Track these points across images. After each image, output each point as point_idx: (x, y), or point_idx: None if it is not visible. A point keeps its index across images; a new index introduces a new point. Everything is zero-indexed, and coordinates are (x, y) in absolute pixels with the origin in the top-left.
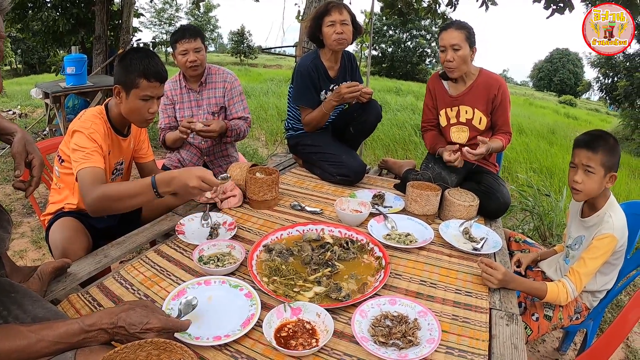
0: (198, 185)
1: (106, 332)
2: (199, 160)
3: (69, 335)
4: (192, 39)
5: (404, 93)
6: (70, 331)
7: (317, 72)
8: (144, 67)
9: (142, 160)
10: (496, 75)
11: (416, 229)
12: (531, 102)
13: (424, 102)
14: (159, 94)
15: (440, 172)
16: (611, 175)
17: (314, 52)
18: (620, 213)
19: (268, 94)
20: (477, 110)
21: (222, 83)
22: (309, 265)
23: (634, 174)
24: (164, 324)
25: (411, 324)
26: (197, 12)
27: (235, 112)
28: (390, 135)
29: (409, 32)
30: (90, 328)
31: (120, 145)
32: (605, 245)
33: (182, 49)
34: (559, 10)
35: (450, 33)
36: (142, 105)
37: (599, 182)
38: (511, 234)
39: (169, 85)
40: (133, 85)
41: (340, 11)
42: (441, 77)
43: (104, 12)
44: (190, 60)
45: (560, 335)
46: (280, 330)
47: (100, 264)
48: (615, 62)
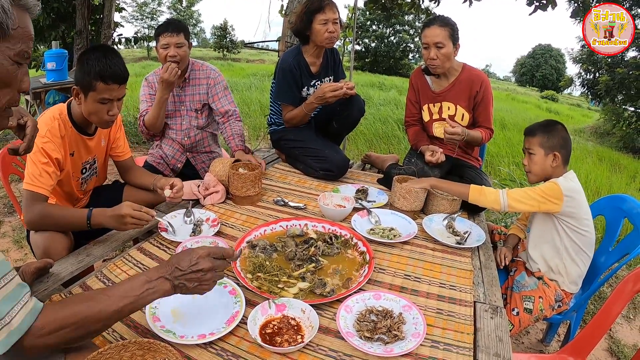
0: (129, 213)
1: (167, 280)
2: (181, 157)
3: (134, 288)
4: (175, 33)
5: (387, 88)
6: (135, 285)
7: (300, 68)
8: (100, 69)
9: (119, 158)
10: (479, 72)
11: (400, 223)
12: (513, 97)
13: (407, 97)
14: (119, 95)
15: (423, 167)
16: (554, 154)
17: (296, 48)
18: (573, 180)
19: (251, 89)
20: (460, 106)
21: (206, 79)
22: (293, 261)
23: (615, 168)
24: (209, 250)
25: (396, 319)
26: (179, 7)
27: (222, 107)
28: (373, 129)
29: (392, 27)
30: (152, 277)
31: (87, 144)
32: (546, 187)
33: (164, 42)
34: (541, 7)
35: (434, 30)
36: (101, 108)
37: (541, 162)
38: (493, 227)
39: (152, 78)
40: (90, 87)
41: (333, 10)
42: (424, 72)
43: (85, 7)
44: (170, 55)
45: (543, 327)
46: (265, 327)
47: (83, 263)
48: (597, 58)
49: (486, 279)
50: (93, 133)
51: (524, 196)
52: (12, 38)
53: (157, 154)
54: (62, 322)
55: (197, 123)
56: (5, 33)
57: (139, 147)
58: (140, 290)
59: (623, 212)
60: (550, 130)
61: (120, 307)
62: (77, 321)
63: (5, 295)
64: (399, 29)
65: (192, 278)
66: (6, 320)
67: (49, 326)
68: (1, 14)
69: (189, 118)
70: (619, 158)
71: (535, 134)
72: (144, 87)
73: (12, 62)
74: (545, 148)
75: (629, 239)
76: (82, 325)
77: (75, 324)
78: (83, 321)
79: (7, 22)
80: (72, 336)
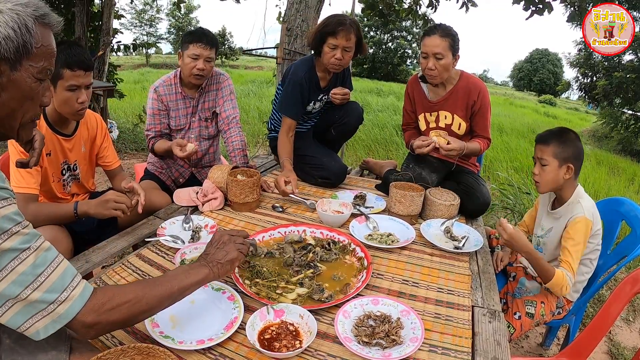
0: (113, 198)
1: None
2: (185, 172)
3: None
4: (209, 46)
5: (385, 94)
6: (179, 270)
7: (310, 83)
8: (66, 57)
9: (107, 168)
10: (477, 80)
11: (398, 228)
12: (511, 101)
13: (403, 107)
14: (85, 82)
15: (421, 172)
16: (567, 166)
17: (309, 61)
18: (590, 201)
19: (249, 96)
20: (457, 115)
21: (216, 85)
22: (291, 267)
23: (613, 171)
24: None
25: (394, 323)
26: (178, 14)
27: (224, 111)
28: (372, 135)
29: (390, 33)
30: (191, 267)
31: (62, 145)
32: (580, 229)
33: (194, 52)
34: (538, 12)
35: (434, 40)
36: (70, 96)
37: (553, 173)
38: (492, 231)
39: (163, 90)
40: (58, 76)
41: (347, 37)
42: (420, 80)
43: (84, 13)
44: (199, 68)
45: (543, 331)
46: (264, 332)
47: (82, 269)
48: (594, 62)
49: (484, 283)
50: (70, 135)
51: (578, 257)
52: (35, 56)
53: (159, 163)
54: (122, 297)
55: (208, 132)
56: (29, 52)
57: (137, 153)
58: (185, 274)
59: (621, 215)
60: (565, 140)
61: (173, 288)
62: (138, 296)
63: (55, 279)
64: (396, 35)
65: (219, 254)
66: (57, 304)
67: (110, 303)
68: (25, 34)
69: (199, 129)
70: (617, 161)
71: (549, 143)
72: (153, 99)
73: (35, 79)
74: (560, 159)
75: (626, 242)
76: (140, 301)
77: (136, 300)
78: (143, 297)
79: (30, 41)
80: (134, 312)
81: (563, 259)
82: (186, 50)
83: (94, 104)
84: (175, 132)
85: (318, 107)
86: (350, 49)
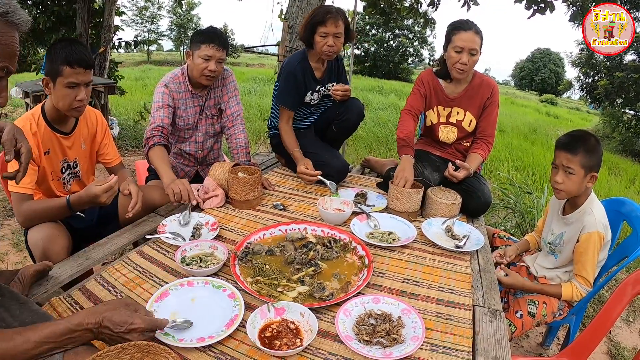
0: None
1: (91, 332)
2: (191, 170)
3: (55, 335)
4: (222, 48)
5: (386, 92)
6: (57, 331)
7: (304, 73)
8: (66, 54)
9: (108, 165)
10: (489, 79)
11: (399, 227)
12: (513, 100)
13: (414, 89)
14: (85, 80)
15: (423, 171)
16: (592, 175)
17: (302, 53)
18: (601, 209)
19: (250, 93)
20: (469, 112)
21: (221, 81)
22: (292, 265)
23: (614, 172)
24: (147, 324)
25: (395, 322)
26: (179, 10)
27: (230, 107)
28: (373, 134)
29: (391, 31)
30: (77, 327)
31: (61, 143)
32: (594, 243)
33: (207, 53)
34: (540, 11)
35: (471, 35)
36: (69, 93)
37: (579, 183)
38: (494, 231)
39: (173, 87)
40: (58, 73)
41: (336, 23)
42: (436, 75)
43: (85, 10)
44: (211, 69)
45: (543, 331)
46: (264, 330)
47: (82, 266)
48: (596, 61)
49: (485, 282)
50: (69, 132)
51: (592, 268)
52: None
53: None
54: None
55: (214, 129)
56: None
57: (138, 150)
58: (61, 338)
59: (622, 215)
60: (591, 149)
61: (38, 352)
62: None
63: None
64: (398, 34)
65: (117, 340)
66: None
67: None
68: None
69: (206, 127)
70: (618, 161)
71: (576, 152)
72: (163, 93)
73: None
74: (586, 168)
75: (628, 242)
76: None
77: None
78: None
79: None
80: None
81: (578, 274)
82: (197, 50)
83: (95, 100)
84: (183, 132)
85: (317, 98)
86: (341, 34)
